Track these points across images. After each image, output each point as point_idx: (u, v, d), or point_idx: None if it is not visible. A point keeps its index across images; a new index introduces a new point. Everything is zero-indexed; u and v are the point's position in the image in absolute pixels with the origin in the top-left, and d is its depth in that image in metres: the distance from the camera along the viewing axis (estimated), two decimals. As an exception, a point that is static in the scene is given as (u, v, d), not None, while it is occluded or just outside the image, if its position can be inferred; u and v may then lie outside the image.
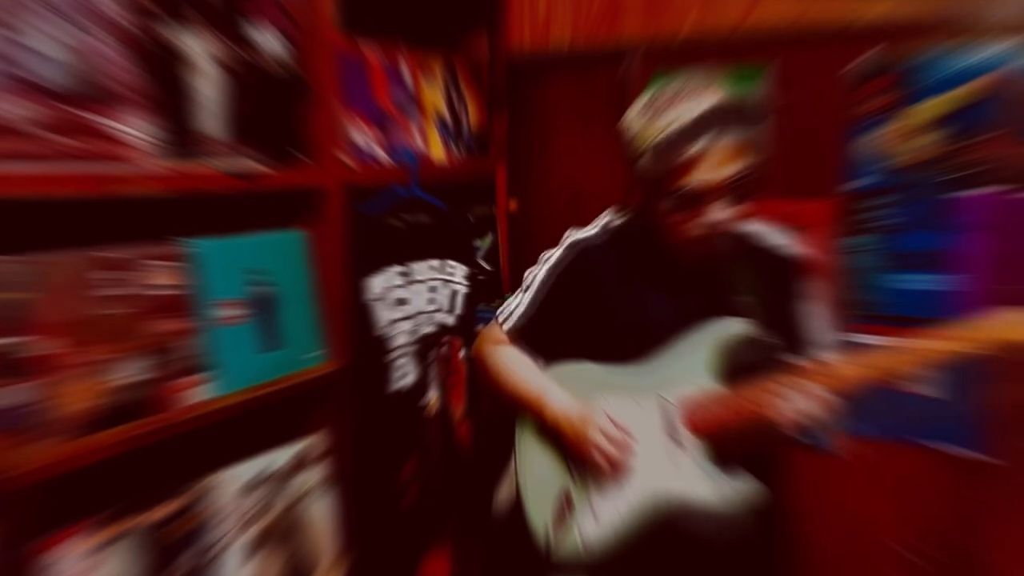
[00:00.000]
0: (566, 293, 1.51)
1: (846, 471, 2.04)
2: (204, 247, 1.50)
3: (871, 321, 1.94)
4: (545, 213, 2.41)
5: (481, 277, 2.24)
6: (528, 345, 1.54)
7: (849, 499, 2.05)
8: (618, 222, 1.54)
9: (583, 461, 1.41)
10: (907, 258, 1.90)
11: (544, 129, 2.42)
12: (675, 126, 1.29)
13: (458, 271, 2.12)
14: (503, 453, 1.61)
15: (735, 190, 1.32)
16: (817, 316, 1.50)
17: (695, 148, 1.29)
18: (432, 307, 2.03)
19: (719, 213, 1.33)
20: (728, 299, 1.41)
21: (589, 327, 1.49)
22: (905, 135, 1.88)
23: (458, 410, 2.11)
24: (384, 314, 1.89)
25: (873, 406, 1.94)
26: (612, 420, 1.38)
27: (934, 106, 1.84)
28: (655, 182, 1.35)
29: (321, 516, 1.77)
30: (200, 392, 1.47)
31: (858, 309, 1.97)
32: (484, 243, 2.35)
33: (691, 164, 1.30)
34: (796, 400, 1.27)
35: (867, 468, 2.02)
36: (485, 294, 2.22)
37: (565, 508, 1.42)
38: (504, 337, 1.55)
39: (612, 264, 1.49)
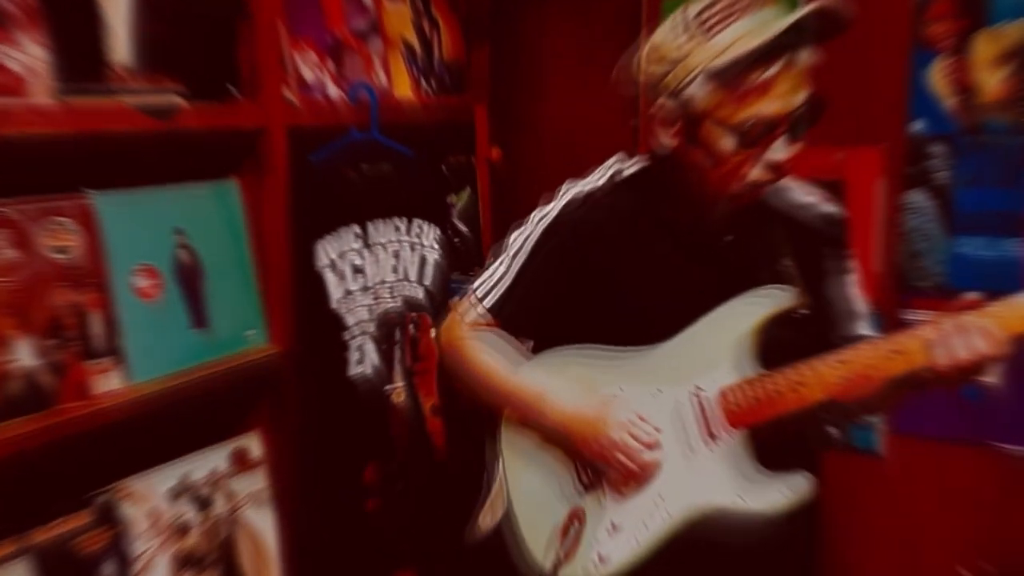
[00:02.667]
0: (567, 261, 1.48)
1: (892, 477, 2.05)
2: (114, 203, 1.48)
3: (930, 295, 1.94)
4: (534, 164, 2.40)
5: (456, 240, 2.23)
6: (516, 328, 1.51)
7: (896, 510, 2.06)
8: (631, 171, 1.52)
9: (601, 469, 1.40)
10: (973, 219, 1.90)
11: (534, 62, 2.40)
12: (748, 44, 1.25)
13: (428, 233, 2.10)
14: (485, 455, 1.60)
15: (797, 122, 1.31)
16: (857, 289, 1.50)
17: (771, 70, 1.27)
18: (396, 277, 2.02)
19: (782, 151, 1.31)
20: (768, 265, 1.40)
21: (598, 303, 1.47)
22: (972, 69, 1.87)
23: (429, 402, 2.10)
24: (338, 285, 1.88)
25: (926, 398, 1.95)
26: (640, 416, 1.37)
27: (1007, 34, 1.83)
28: (703, 116, 1.32)
29: (261, 531, 1.76)
30: (110, 380, 1.46)
31: (914, 280, 1.96)
32: (460, 199, 2.34)
33: (763, 89, 1.28)
34: (858, 385, 1.28)
35: (918, 473, 2.03)
36: (461, 261, 2.21)
37: (575, 529, 1.42)
38: (482, 319, 1.50)
39: (627, 223, 1.47)
